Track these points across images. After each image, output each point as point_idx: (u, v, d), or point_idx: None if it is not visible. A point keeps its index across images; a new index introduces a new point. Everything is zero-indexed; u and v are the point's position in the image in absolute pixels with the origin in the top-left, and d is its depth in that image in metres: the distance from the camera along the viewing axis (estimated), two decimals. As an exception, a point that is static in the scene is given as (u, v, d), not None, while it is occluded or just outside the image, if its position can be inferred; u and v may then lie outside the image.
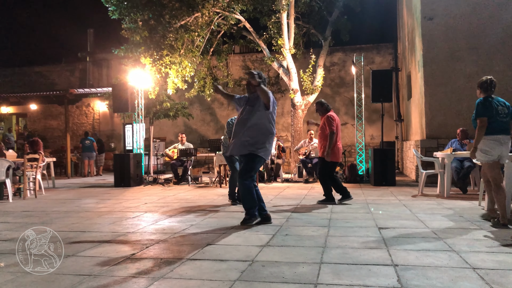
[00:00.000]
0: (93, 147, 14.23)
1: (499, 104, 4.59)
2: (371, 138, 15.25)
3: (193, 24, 10.67)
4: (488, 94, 4.65)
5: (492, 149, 4.52)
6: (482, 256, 3.24)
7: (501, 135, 4.52)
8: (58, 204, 6.97)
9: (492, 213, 4.75)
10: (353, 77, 11.35)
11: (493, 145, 4.52)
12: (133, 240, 4.08)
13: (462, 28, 9.36)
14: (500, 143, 4.51)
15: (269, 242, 3.83)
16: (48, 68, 19.23)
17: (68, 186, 10.59)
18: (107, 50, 15.87)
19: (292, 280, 2.75)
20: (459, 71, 9.39)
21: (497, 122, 4.51)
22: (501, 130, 4.53)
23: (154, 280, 2.81)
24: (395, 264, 3.05)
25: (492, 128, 4.51)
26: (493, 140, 4.52)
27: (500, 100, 4.66)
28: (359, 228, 4.41)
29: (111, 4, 10.35)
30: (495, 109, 4.52)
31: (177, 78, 10.79)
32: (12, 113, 18.87)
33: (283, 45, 11.10)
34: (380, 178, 9.23)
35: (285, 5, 10.69)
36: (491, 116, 4.50)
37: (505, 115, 4.56)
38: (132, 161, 10.20)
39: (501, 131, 4.53)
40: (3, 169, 7.36)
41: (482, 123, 4.51)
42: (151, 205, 6.61)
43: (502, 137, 4.52)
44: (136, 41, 10.40)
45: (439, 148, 9.13)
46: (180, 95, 13.55)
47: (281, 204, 6.41)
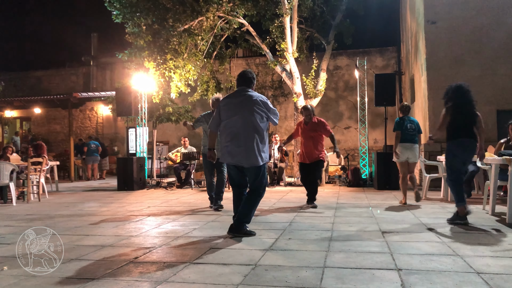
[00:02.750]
0: (98, 151, 14.28)
1: (409, 122, 6.60)
2: (374, 142, 15.21)
3: (196, 28, 10.71)
4: (404, 115, 6.75)
5: (401, 153, 6.52)
6: (487, 260, 3.22)
7: (408, 143, 6.50)
8: (62, 208, 6.98)
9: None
10: (357, 80, 11.35)
11: (402, 150, 6.51)
12: (136, 243, 4.08)
13: (465, 32, 9.35)
14: (406, 149, 6.50)
15: (272, 246, 3.82)
16: (52, 72, 19.33)
17: (72, 190, 10.61)
18: (110, 54, 15.95)
19: (295, 285, 2.74)
20: (462, 74, 9.35)
21: (405, 134, 6.50)
22: (408, 140, 6.51)
23: (157, 284, 2.81)
24: (399, 269, 3.04)
25: (403, 139, 6.50)
26: (402, 147, 6.50)
27: (411, 119, 6.71)
28: (362, 232, 4.40)
29: (114, 8, 10.40)
30: (405, 126, 6.54)
31: (180, 82, 10.81)
32: (16, 117, 18.96)
33: (286, 49, 11.11)
34: (384, 182, 9.20)
35: (288, 9, 10.71)
36: (402, 130, 6.51)
37: (412, 130, 6.56)
38: (135, 165, 10.22)
39: (408, 141, 6.51)
40: (7, 172, 7.39)
41: (397, 135, 6.51)
42: (154, 209, 6.62)
43: (409, 145, 6.51)
44: (140, 45, 10.44)
45: (443, 151, 9.09)
46: (183, 98, 13.58)
47: (284, 208, 6.39)
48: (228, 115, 4.40)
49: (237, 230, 4.29)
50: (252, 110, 4.32)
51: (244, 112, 4.33)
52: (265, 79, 15.87)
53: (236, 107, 4.37)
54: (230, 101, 4.46)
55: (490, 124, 9.22)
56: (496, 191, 5.44)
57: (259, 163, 4.33)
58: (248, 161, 4.30)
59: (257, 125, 4.33)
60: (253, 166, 4.31)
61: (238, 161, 4.34)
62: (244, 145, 4.30)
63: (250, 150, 4.29)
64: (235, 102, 4.41)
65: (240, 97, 4.43)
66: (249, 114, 4.32)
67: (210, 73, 12.77)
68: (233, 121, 4.35)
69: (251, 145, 4.29)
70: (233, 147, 4.33)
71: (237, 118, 4.33)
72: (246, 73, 4.55)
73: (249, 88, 4.50)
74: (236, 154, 4.32)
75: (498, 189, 6.75)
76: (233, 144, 4.33)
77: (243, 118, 4.32)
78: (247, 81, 4.51)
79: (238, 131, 4.32)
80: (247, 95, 4.41)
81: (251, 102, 4.35)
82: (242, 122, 4.32)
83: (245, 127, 4.31)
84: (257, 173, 4.34)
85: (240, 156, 4.31)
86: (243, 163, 4.32)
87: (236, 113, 4.35)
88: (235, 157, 4.33)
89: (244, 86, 4.50)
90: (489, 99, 9.25)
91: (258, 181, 4.35)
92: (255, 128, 4.33)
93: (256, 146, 4.31)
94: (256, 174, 4.34)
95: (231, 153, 4.35)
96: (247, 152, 4.29)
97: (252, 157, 4.29)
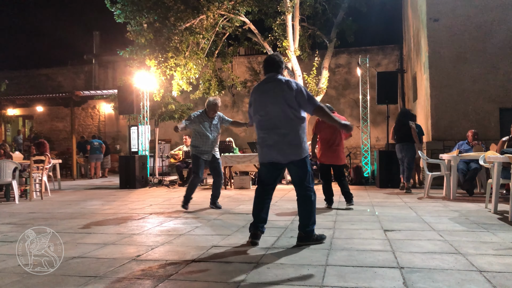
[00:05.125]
0: (101, 149, 14.31)
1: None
2: (376, 140, 15.20)
3: (198, 27, 10.71)
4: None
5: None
6: (489, 258, 3.22)
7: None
8: (64, 206, 7.00)
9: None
10: (359, 79, 11.33)
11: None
12: (138, 241, 4.09)
13: (468, 30, 9.32)
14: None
15: (274, 244, 3.82)
16: (54, 70, 19.37)
17: (74, 188, 10.64)
18: (112, 52, 15.96)
19: (298, 283, 2.74)
20: (465, 72, 9.34)
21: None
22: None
23: (159, 282, 2.81)
24: (401, 267, 3.04)
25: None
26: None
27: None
28: (364, 230, 4.39)
29: (116, 8, 10.41)
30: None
31: (182, 80, 10.82)
32: (18, 115, 19.01)
33: (288, 47, 11.10)
34: (386, 180, 9.19)
35: (290, 7, 10.70)
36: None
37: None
38: (137, 163, 10.23)
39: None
40: (10, 170, 7.40)
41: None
42: (156, 207, 6.63)
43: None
44: (142, 44, 10.45)
45: (445, 150, 9.08)
46: (185, 97, 13.59)
47: (286, 206, 6.40)
48: (259, 106, 3.89)
49: (307, 238, 3.78)
50: (285, 97, 3.75)
51: (275, 101, 3.78)
52: (267, 77, 15.84)
53: (266, 96, 3.86)
54: (260, 90, 3.94)
55: (493, 122, 9.20)
56: (498, 189, 5.42)
57: (299, 157, 3.77)
58: (285, 157, 3.78)
59: (292, 114, 3.76)
60: (292, 161, 3.79)
61: (273, 157, 3.82)
62: (279, 138, 3.76)
63: (285, 143, 3.75)
64: (265, 90, 3.88)
65: (269, 84, 3.89)
66: (282, 102, 3.75)
67: (212, 71, 12.77)
68: (264, 112, 3.84)
69: (286, 137, 3.75)
70: (268, 141, 3.82)
71: (269, 108, 3.81)
72: (273, 57, 3.99)
73: (278, 74, 3.94)
74: (271, 148, 3.80)
75: (501, 187, 6.74)
76: (268, 138, 3.82)
77: (275, 108, 3.78)
78: (276, 66, 3.94)
79: (272, 122, 3.80)
80: (277, 81, 3.85)
81: (283, 89, 3.78)
82: (275, 112, 3.78)
83: (278, 117, 3.77)
84: (298, 168, 3.81)
85: (275, 150, 3.78)
86: (280, 159, 3.80)
87: (267, 102, 3.83)
88: (271, 152, 3.81)
89: (273, 72, 3.93)
90: (492, 97, 9.23)
91: (302, 177, 3.81)
92: (290, 117, 3.75)
93: (293, 138, 3.75)
94: (298, 170, 3.81)
95: (267, 148, 3.83)
96: (283, 146, 3.75)
97: (289, 151, 3.75)
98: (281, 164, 3.86)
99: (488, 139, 8.63)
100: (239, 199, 7.45)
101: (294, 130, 3.78)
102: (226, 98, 16.24)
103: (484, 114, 9.26)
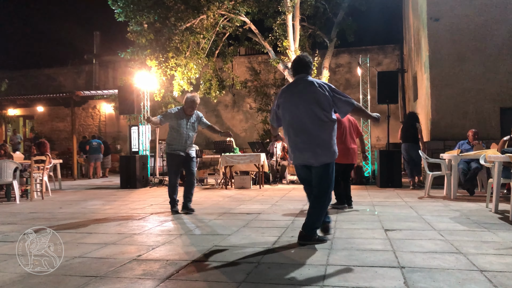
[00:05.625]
0: (100, 149, 14.31)
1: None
2: (377, 140, 15.20)
3: (198, 27, 10.72)
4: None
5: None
6: (490, 258, 3.22)
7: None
8: (65, 206, 7.00)
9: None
10: (359, 78, 11.32)
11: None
12: (139, 241, 4.09)
13: (468, 29, 9.31)
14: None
15: (274, 244, 3.82)
16: (55, 71, 19.38)
17: (75, 188, 10.65)
18: (113, 52, 15.98)
19: (298, 282, 2.75)
20: (465, 72, 9.33)
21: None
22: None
23: (160, 282, 2.82)
24: (402, 266, 3.04)
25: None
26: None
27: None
28: (365, 230, 4.39)
29: (117, 6, 10.42)
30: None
31: (182, 80, 10.83)
32: (19, 115, 19.03)
33: (288, 47, 11.10)
34: (386, 180, 9.19)
35: (290, 7, 10.70)
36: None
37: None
38: (138, 163, 10.24)
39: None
40: (10, 170, 7.41)
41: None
42: (157, 207, 6.63)
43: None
44: (142, 44, 10.46)
45: (446, 149, 9.08)
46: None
47: (287, 206, 6.40)
48: (290, 108, 3.83)
49: (308, 238, 3.77)
50: (318, 99, 3.72)
51: (307, 103, 3.74)
52: (268, 77, 15.83)
53: (297, 97, 3.80)
54: (290, 91, 3.90)
55: (493, 122, 9.20)
56: (499, 188, 5.42)
57: (330, 160, 3.78)
58: (318, 159, 3.75)
59: (325, 116, 3.73)
60: (322, 164, 3.77)
61: (305, 160, 3.82)
62: (311, 140, 3.75)
63: (318, 146, 3.74)
64: (296, 92, 3.84)
65: (300, 85, 3.84)
66: (314, 104, 3.72)
67: (212, 71, 12.77)
68: (295, 114, 3.79)
69: (319, 140, 3.74)
70: (299, 144, 3.80)
71: (300, 111, 3.77)
72: (303, 58, 3.96)
73: (308, 75, 3.91)
74: (303, 151, 3.78)
75: (502, 186, 6.74)
76: (299, 141, 3.80)
77: (307, 110, 3.74)
78: (305, 67, 3.92)
79: (303, 125, 3.76)
80: (308, 83, 3.82)
81: (315, 90, 3.75)
82: (307, 114, 3.74)
83: (311, 119, 3.74)
84: (324, 171, 3.80)
85: (308, 153, 3.76)
86: (312, 161, 3.78)
87: (298, 104, 3.77)
88: (303, 155, 3.80)
89: (303, 73, 3.90)
90: (492, 96, 9.23)
91: (325, 179, 3.81)
92: (322, 119, 3.73)
93: (325, 140, 3.75)
94: (323, 172, 3.80)
95: (299, 151, 3.82)
96: (316, 149, 3.74)
97: (322, 153, 3.74)
98: (314, 166, 3.84)
99: (489, 138, 8.63)
100: (239, 199, 7.45)
101: (326, 132, 3.78)
102: (227, 98, 16.23)
103: (484, 113, 9.25)
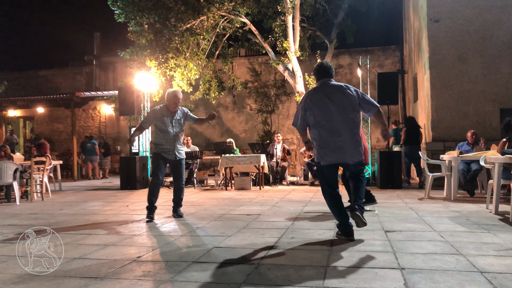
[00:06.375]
0: (94, 150, 14.29)
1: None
2: (377, 141, 15.20)
3: (198, 27, 10.72)
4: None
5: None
6: (490, 259, 3.21)
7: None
8: (65, 207, 7.00)
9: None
10: (359, 79, 11.32)
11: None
12: (139, 242, 4.09)
13: (468, 30, 9.32)
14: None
15: (274, 245, 3.82)
16: (55, 72, 19.39)
17: (75, 189, 10.64)
18: (113, 53, 15.98)
19: (298, 284, 2.74)
20: (465, 73, 9.34)
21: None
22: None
23: (160, 283, 2.81)
24: (402, 268, 3.03)
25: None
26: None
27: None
28: (365, 231, 4.39)
29: (117, 7, 10.43)
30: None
31: (182, 81, 10.83)
32: (19, 116, 19.03)
33: (288, 48, 11.10)
34: (387, 181, 9.18)
35: (290, 8, 10.70)
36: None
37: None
38: (138, 164, 10.24)
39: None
40: (11, 171, 7.41)
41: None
42: (157, 208, 6.61)
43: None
44: (142, 44, 10.46)
45: (446, 150, 9.07)
46: (185, 98, 13.56)
47: (287, 207, 6.39)
48: (321, 110, 4.01)
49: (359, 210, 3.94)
50: (349, 101, 3.98)
51: (339, 105, 3.97)
52: (268, 78, 15.84)
53: (328, 100, 4.00)
54: (320, 94, 4.07)
55: (494, 123, 9.20)
56: (499, 190, 5.42)
57: (361, 158, 4.07)
58: (353, 157, 3.99)
59: (356, 117, 4.02)
60: (357, 161, 4.02)
61: (339, 158, 3.99)
62: (346, 140, 3.95)
63: (352, 145, 3.97)
64: (326, 95, 4.03)
65: (329, 88, 4.08)
66: (346, 106, 3.97)
67: (212, 72, 12.78)
68: (328, 116, 3.98)
69: (351, 139, 3.96)
70: (332, 144, 3.97)
71: (333, 113, 3.96)
72: (326, 64, 4.24)
73: (332, 79, 4.18)
74: (337, 151, 3.96)
75: (502, 187, 6.73)
76: (332, 141, 3.96)
77: (339, 112, 3.96)
78: (329, 71, 4.18)
79: (337, 126, 3.95)
80: (337, 86, 4.08)
81: (345, 93, 4.01)
82: (340, 116, 3.96)
83: (344, 120, 3.96)
84: (356, 166, 4.06)
85: (345, 153, 3.96)
86: (348, 160, 4.00)
87: (330, 107, 3.98)
88: (337, 154, 3.97)
89: (327, 77, 4.16)
90: (493, 97, 9.23)
91: (360, 172, 4.11)
92: (354, 120, 4.01)
93: (358, 140, 4.00)
94: (357, 167, 4.07)
95: (332, 151, 3.98)
96: (351, 149, 3.97)
97: (356, 152, 3.99)
98: (346, 165, 4.13)
99: (489, 139, 8.62)
100: (239, 200, 7.45)
101: (358, 132, 4.07)
102: (227, 99, 16.24)
103: (484, 114, 9.25)
